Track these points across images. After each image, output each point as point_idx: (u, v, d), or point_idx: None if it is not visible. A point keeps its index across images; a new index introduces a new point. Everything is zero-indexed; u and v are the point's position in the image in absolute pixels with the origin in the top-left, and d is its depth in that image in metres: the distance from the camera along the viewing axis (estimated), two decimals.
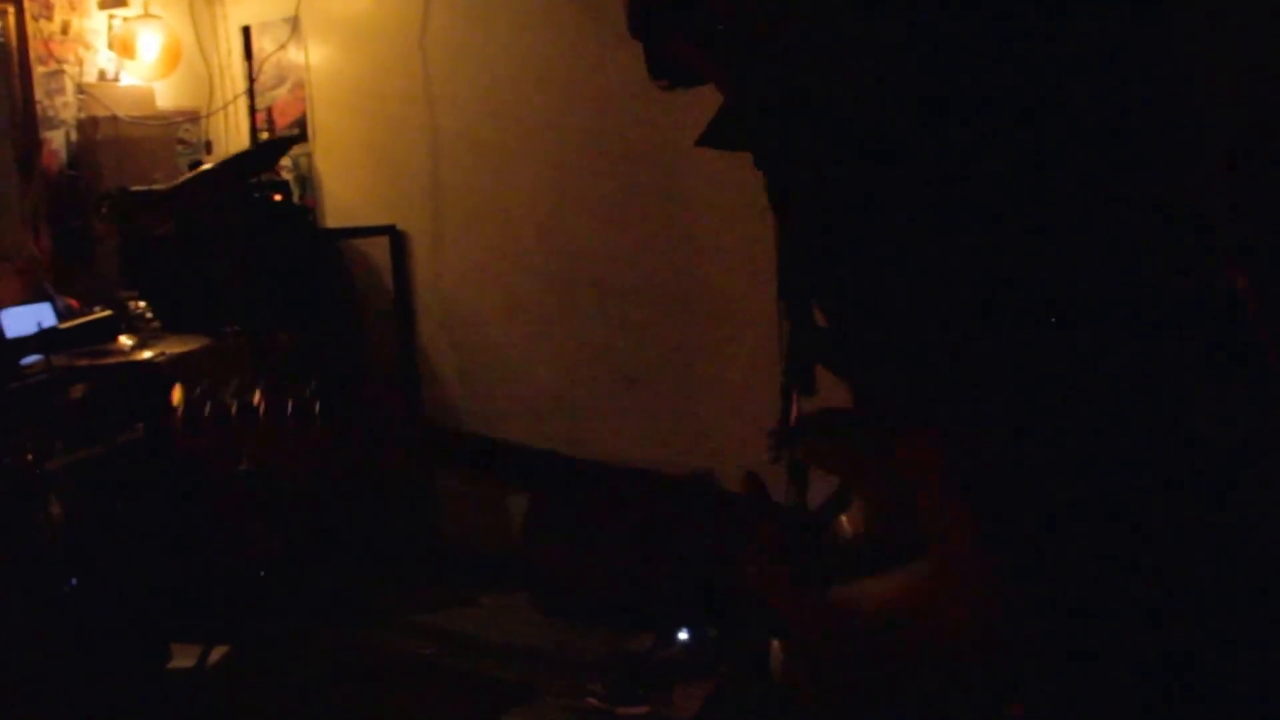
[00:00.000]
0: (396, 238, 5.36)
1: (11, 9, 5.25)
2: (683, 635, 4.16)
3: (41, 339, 3.64)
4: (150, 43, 5.57)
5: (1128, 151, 1.14)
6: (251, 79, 5.18)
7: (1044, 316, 1.10)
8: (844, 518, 1.37)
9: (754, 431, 4.42)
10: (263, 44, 5.59)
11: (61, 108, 5.44)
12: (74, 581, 3.54)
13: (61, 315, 4.47)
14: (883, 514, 1.33)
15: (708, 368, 4.60)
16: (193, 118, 5.82)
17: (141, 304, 4.20)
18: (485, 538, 5.10)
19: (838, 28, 1.25)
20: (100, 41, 5.60)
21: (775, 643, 1.36)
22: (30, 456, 3.37)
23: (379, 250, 5.37)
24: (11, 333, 4.15)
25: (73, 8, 5.50)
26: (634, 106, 4.60)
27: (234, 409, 1.57)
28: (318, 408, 1.55)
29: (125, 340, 4.10)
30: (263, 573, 4.29)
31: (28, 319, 4.27)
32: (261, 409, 1.59)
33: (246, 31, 5.18)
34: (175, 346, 3.97)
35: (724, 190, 4.39)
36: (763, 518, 1.38)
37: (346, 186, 5.60)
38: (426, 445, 1.70)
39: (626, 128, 4.65)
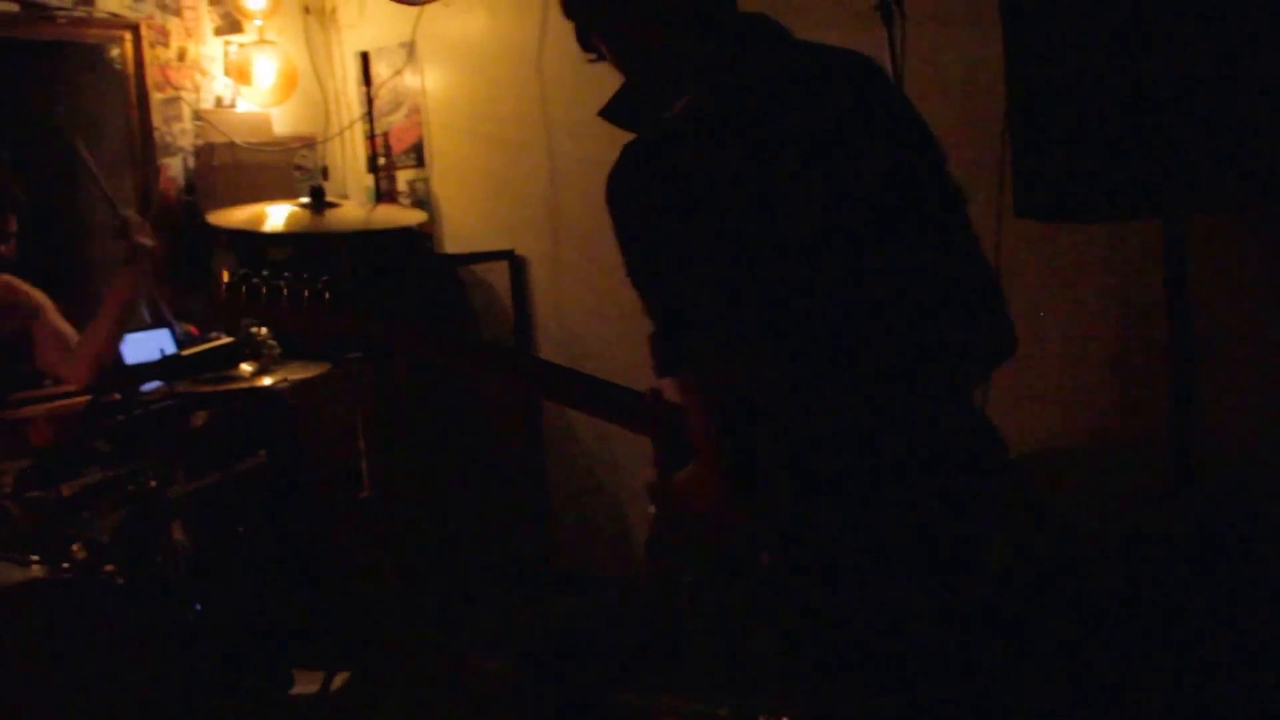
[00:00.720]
0: (515, 262, 5.33)
1: (129, 36, 5.32)
2: None
3: (165, 366, 3.64)
4: (266, 69, 5.61)
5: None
6: (369, 104, 5.18)
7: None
8: None
9: None
10: (379, 69, 5.59)
11: (179, 134, 5.50)
12: (198, 607, 3.53)
13: (181, 341, 4.49)
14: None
15: None
16: (309, 143, 5.85)
17: (262, 330, 4.20)
18: (605, 560, 5.04)
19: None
20: (217, 68, 5.66)
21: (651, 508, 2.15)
22: (154, 483, 3.37)
23: (498, 275, 5.33)
24: (132, 358, 4.17)
25: (189, 34, 5.56)
26: None
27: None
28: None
29: (246, 366, 4.10)
30: (381, 598, 4.27)
31: (148, 345, 4.29)
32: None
33: (364, 57, 5.19)
34: (296, 373, 3.95)
35: None
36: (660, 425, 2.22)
37: (464, 211, 5.58)
38: None
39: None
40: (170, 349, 4.33)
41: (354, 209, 4.33)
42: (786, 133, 1.86)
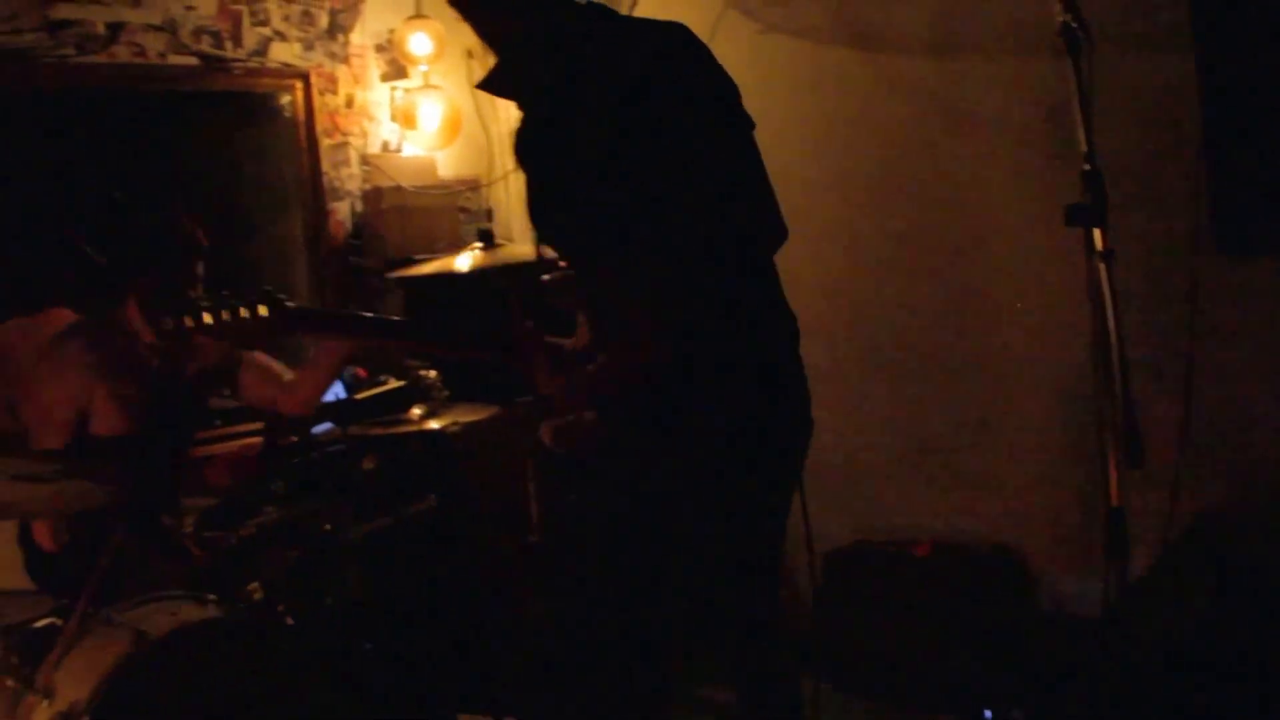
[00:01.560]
0: None
1: (299, 84, 5.46)
2: (987, 716, 3.94)
3: (339, 409, 3.69)
4: (431, 113, 5.70)
5: None
6: None
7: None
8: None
9: (1064, 502, 4.20)
10: None
11: (347, 179, 5.61)
12: (367, 648, 3.56)
13: (350, 384, 4.56)
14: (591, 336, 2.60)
15: (1009, 436, 4.37)
16: (474, 186, 5.92)
17: (431, 373, 4.25)
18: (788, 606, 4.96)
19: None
20: (383, 113, 5.77)
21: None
22: (327, 525, 3.42)
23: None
24: None
25: (356, 81, 5.68)
26: (919, 165, 4.44)
27: None
28: None
29: (415, 410, 4.14)
30: (539, 643, 4.25)
31: None
32: None
33: None
34: (465, 415, 3.98)
35: (1022, 244, 4.19)
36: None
37: None
38: None
39: (913, 184, 4.49)
40: (339, 392, 4.40)
41: (520, 250, 4.35)
42: (634, 89, 2.39)
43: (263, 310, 2.53)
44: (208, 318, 2.51)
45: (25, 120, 4.87)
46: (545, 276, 2.71)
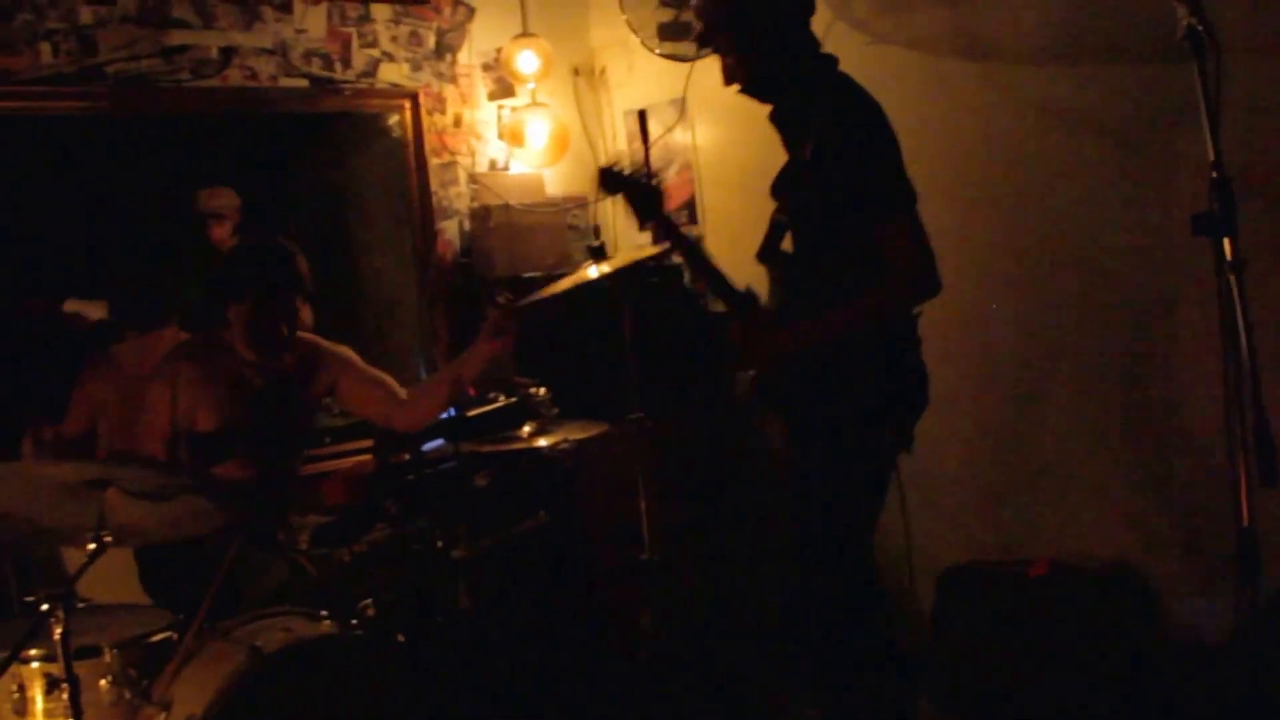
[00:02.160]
0: None
1: (408, 104, 5.53)
2: None
3: (450, 426, 3.72)
4: (538, 131, 5.74)
5: None
6: (646, 161, 5.22)
7: None
8: None
9: (1191, 521, 4.09)
10: (649, 126, 5.65)
11: (455, 197, 5.66)
12: (477, 666, 3.57)
13: (459, 402, 4.58)
14: None
15: (1131, 453, 4.27)
16: (581, 203, 5.95)
17: (541, 390, 4.26)
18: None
19: None
20: (490, 132, 5.82)
21: None
22: (440, 543, 3.43)
23: None
24: None
25: (464, 100, 5.74)
26: (1036, 175, 4.35)
27: None
28: None
29: (526, 427, 4.16)
30: (647, 662, 4.25)
31: None
32: None
33: (642, 115, 5.25)
34: (575, 433, 3.98)
35: (1143, 255, 4.10)
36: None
37: (738, 269, 5.54)
38: None
39: (1030, 195, 4.41)
40: (449, 409, 4.43)
41: (635, 253, 4.36)
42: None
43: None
44: None
45: (143, 145, 4.98)
46: None
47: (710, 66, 5.38)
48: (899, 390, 3.31)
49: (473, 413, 4.00)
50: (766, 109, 3.56)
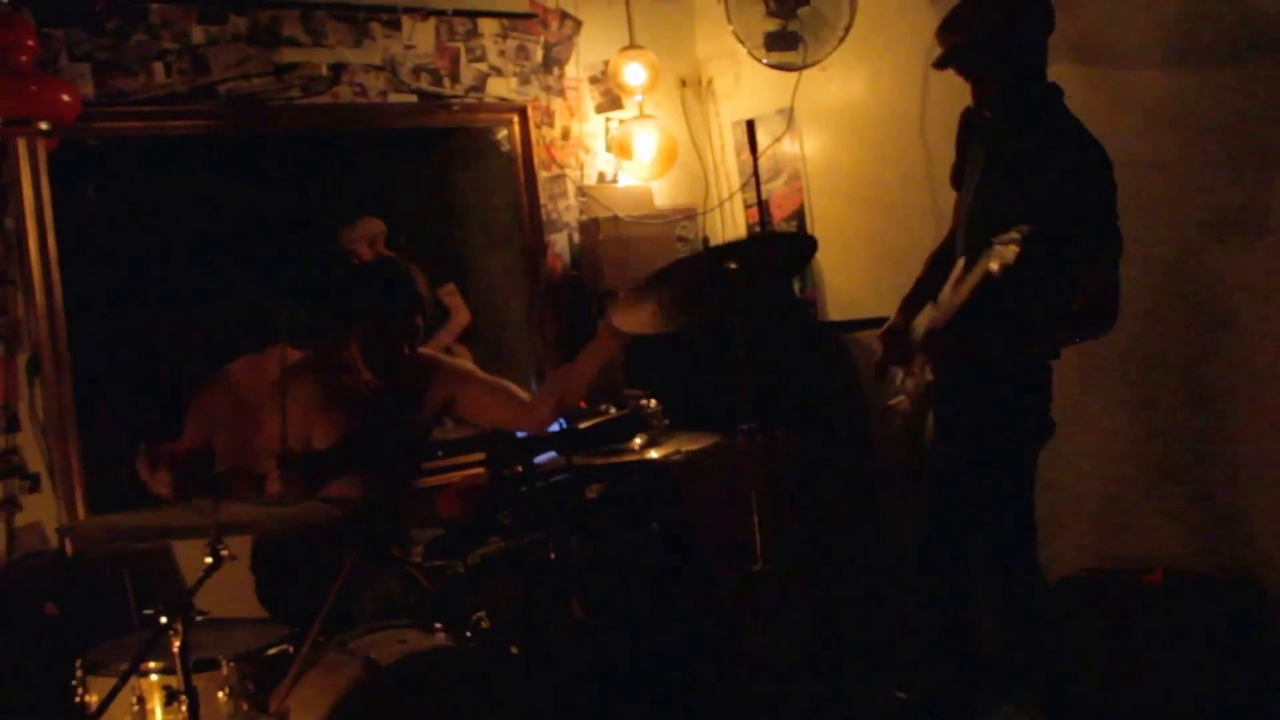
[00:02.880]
0: None
1: (516, 118, 5.56)
2: None
3: (563, 438, 3.72)
4: (646, 143, 5.74)
5: None
6: (755, 171, 5.20)
7: None
8: None
9: None
10: (757, 137, 5.63)
11: (564, 210, 5.69)
12: (590, 678, 3.56)
13: (570, 414, 4.58)
14: None
15: (1255, 463, 4.16)
16: (690, 214, 5.94)
17: (652, 401, 4.25)
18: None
19: None
20: (598, 144, 5.84)
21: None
22: (552, 555, 3.43)
23: None
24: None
25: (572, 113, 5.76)
26: (1153, 183, 4.25)
27: None
28: None
29: (636, 439, 4.15)
30: (758, 674, 4.22)
31: None
32: None
33: (750, 125, 5.22)
34: (686, 444, 3.97)
35: (1273, 264, 4.00)
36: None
37: (848, 278, 5.53)
38: None
39: (1149, 203, 4.30)
40: (560, 420, 4.44)
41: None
42: None
43: None
44: None
45: (255, 162, 5.06)
46: None
47: (818, 77, 5.39)
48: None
49: (584, 425, 3.99)
50: (871, 120, 3.77)
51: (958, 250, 3.75)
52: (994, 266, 3.19)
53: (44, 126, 4.12)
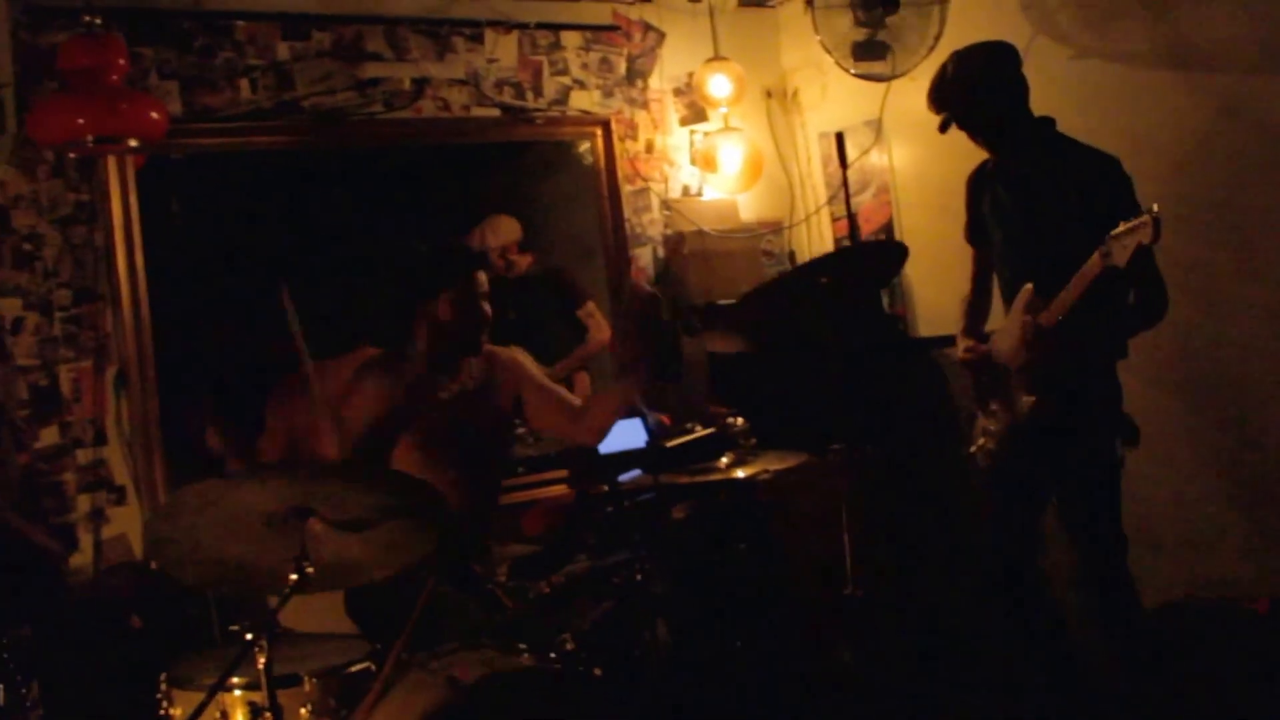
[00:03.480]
0: None
1: (599, 131, 5.55)
2: None
3: (646, 456, 3.69)
4: (732, 156, 5.71)
5: None
6: (845, 184, 5.15)
7: None
8: None
9: None
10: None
11: (648, 224, 5.67)
12: (675, 700, 3.53)
13: (653, 430, 4.55)
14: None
15: None
16: (775, 228, 5.90)
17: (739, 420, 4.22)
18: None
19: None
20: (683, 158, 5.81)
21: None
22: (639, 576, 3.40)
23: None
24: (606, 447, 4.27)
25: (656, 126, 5.75)
26: (1257, 193, 4.17)
27: None
28: None
29: (723, 458, 4.11)
30: (846, 697, 4.18)
31: (620, 434, 4.38)
32: None
33: (839, 138, 5.18)
34: (774, 463, 3.93)
35: None
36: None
37: (938, 292, 5.45)
38: None
39: (1251, 214, 4.23)
40: (641, 438, 4.42)
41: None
42: None
43: None
44: None
45: (336, 175, 5.10)
46: None
47: (906, 87, 5.32)
48: None
49: (672, 443, 3.96)
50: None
51: (1003, 293, 4.06)
52: (1119, 260, 3.34)
53: (133, 144, 4.16)
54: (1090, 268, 3.48)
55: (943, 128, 4.01)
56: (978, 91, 3.91)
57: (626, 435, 4.44)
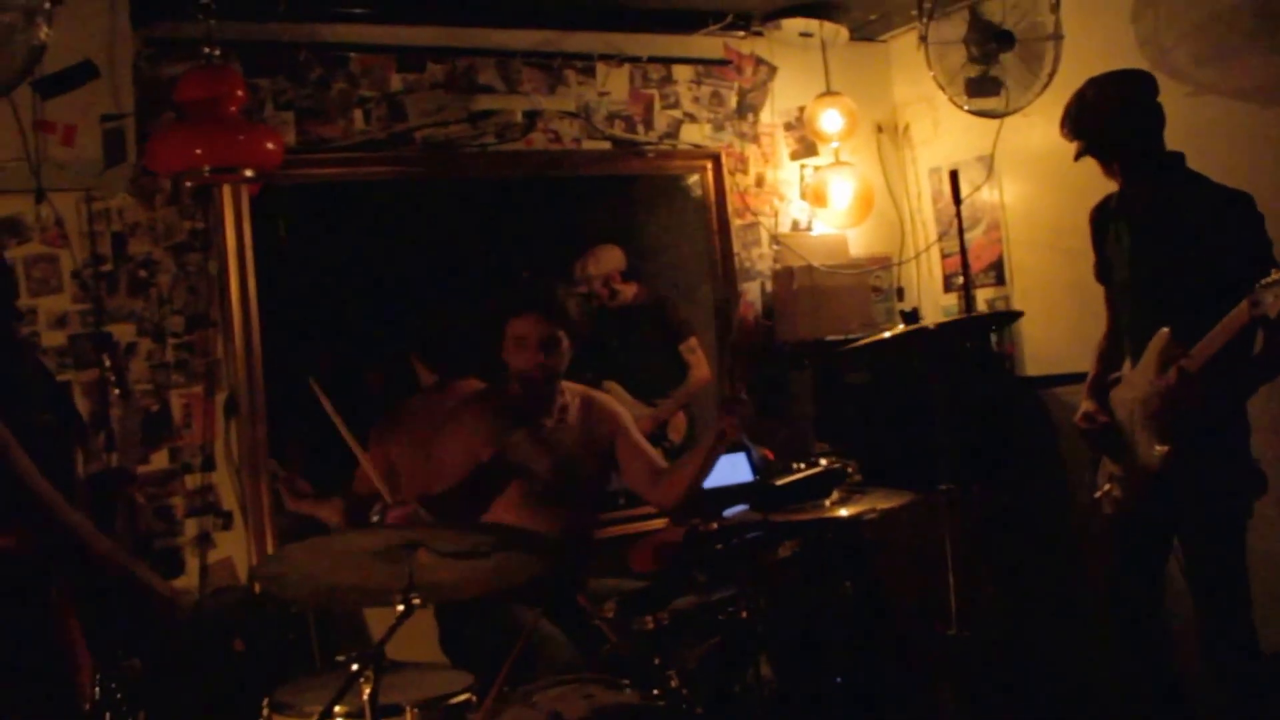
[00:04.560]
0: None
1: (709, 165, 5.57)
2: None
3: (754, 493, 3.68)
4: (842, 190, 5.69)
5: None
6: (959, 221, 5.11)
7: None
8: None
9: None
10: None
11: (757, 259, 5.67)
12: None
13: (758, 466, 4.53)
14: None
15: None
16: (885, 264, 5.86)
17: (845, 458, 4.19)
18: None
19: None
20: (793, 192, 5.81)
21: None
22: (745, 614, 3.39)
23: None
24: (710, 482, 4.25)
25: (766, 160, 5.75)
26: None
27: None
28: None
29: (829, 496, 4.08)
30: None
31: (724, 468, 4.35)
32: None
33: (954, 175, 5.14)
34: (880, 502, 3.89)
35: None
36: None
37: (1048, 332, 5.38)
38: None
39: None
40: (745, 473, 4.40)
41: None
42: None
43: None
44: None
45: (446, 206, 5.16)
46: None
47: (1019, 123, 5.27)
48: None
49: (783, 481, 3.94)
50: (1075, 168, 3.99)
51: (1125, 331, 3.96)
52: (1270, 310, 3.26)
53: (249, 174, 4.25)
54: (1238, 316, 3.39)
55: (1077, 156, 3.93)
56: (1117, 119, 3.84)
57: (731, 470, 4.43)
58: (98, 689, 2.97)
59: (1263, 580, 4.26)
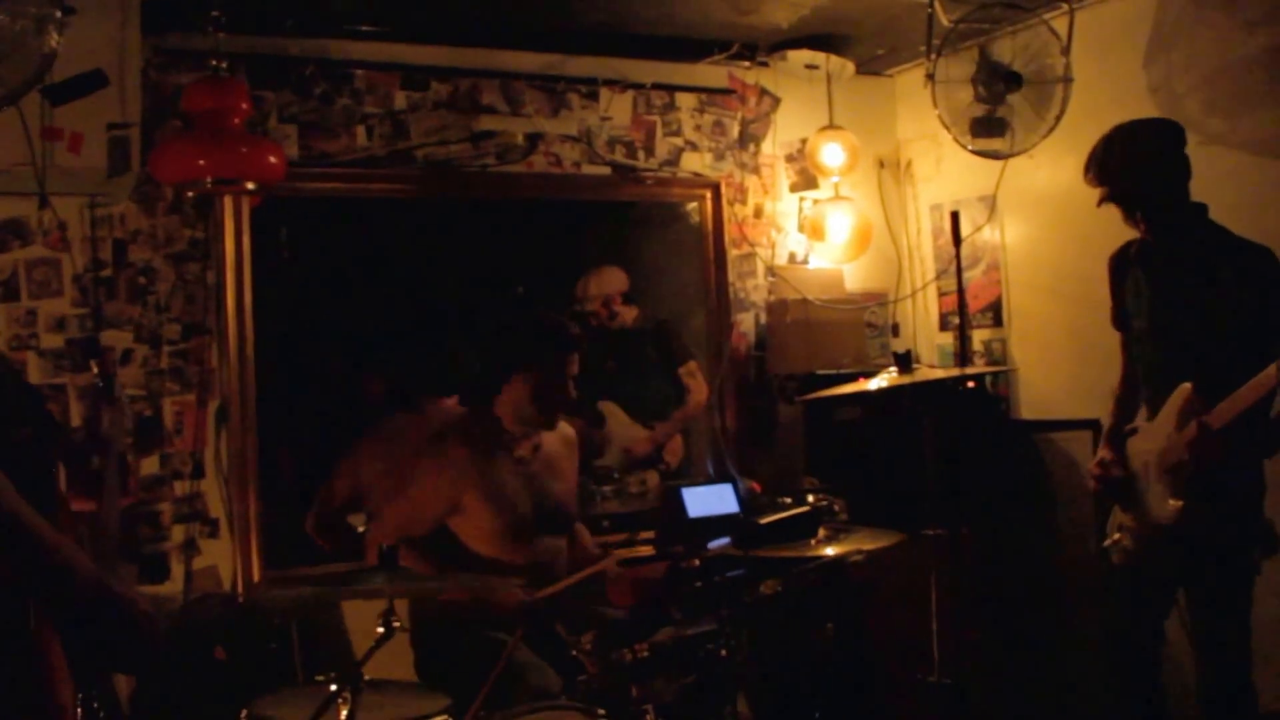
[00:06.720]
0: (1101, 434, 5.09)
1: (709, 194, 5.61)
2: None
3: (741, 533, 3.71)
4: (840, 225, 5.73)
5: None
6: (958, 261, 5.15)
7: None
8: None
9: None
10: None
11: (752, 290, 5.71)
12: None
13: (744, 498, 4.57)
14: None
15: None
16: (881, 300, 5.90)
17: (832, 497, 4.23)
18: None
19: None
20: (791, 224, 5.85)
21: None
22: (724, 651, 3.42)
23: (1080, 445, 5.07)
24: (695, 511, 4.29)
25: (765, 192, 5.79)
26: None
27: None
28: None
29: (815, 535, 4.11)
30: None
31: (710, 499, 4.40)
32: None
33: (955, 216, 5.19)
34: (866, 542, 3.92)
35: None
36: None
37: (1045, 376, 5.41)
38: None
39: None
40: (731, 504, 4.42)
41: (931, 372, 4.29)
42: None
43: None
44: None
45: (444, 224, 5.21)
46: None
47: (1024, 164, 5.31)
48: None
49: (768, 520, 3.97)
50: (1079, 212, 4.16)
51: (1143, 380, 3.99)
52: None
53: (251, 186, 4.29)
54: (1266, 379, 3.41)
55: (1100, 202, 3.93)
56: (1146, 170, 3.86)
57: (718, 500, 4.45)
58: (80, 709, 2.99)
59: (1262, 639, 4.30)
